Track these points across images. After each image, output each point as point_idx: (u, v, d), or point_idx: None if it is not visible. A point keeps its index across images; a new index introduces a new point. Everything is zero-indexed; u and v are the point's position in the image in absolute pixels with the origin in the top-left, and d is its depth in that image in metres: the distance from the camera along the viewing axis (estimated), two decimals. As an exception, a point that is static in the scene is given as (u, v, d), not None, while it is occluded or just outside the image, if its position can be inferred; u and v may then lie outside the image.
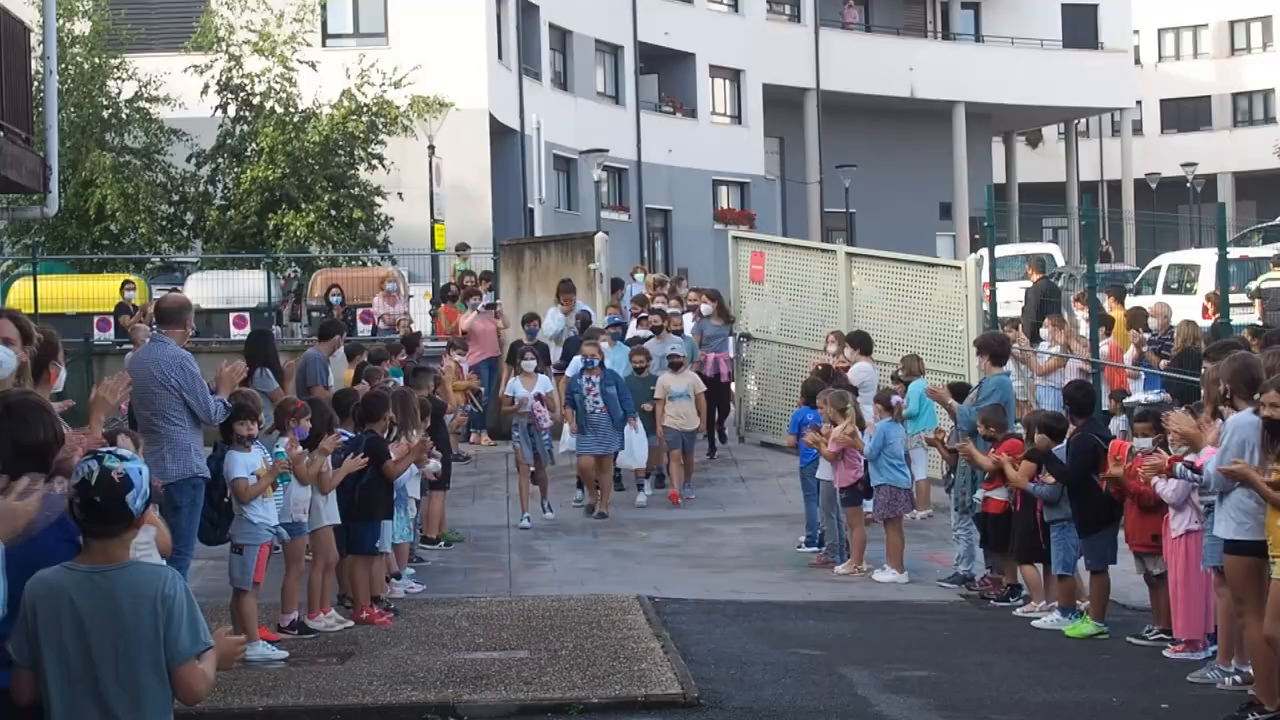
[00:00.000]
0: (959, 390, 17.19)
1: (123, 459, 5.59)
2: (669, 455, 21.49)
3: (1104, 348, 21.97)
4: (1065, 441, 14.42)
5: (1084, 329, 23.06)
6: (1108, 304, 24.71)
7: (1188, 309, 25.98)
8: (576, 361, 21.13)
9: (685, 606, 15.29)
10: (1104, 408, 19.49)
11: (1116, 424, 18.31)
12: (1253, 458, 10.39)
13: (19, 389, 7.60)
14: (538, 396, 19.92)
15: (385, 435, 14.72)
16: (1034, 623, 14.53)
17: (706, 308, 25.20)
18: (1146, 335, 22.63)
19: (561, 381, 21.83)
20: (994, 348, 17.06)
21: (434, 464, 16.43)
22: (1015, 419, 16.47)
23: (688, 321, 24.54)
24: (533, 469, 20.08)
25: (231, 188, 37.26)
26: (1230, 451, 10.49)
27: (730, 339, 24.89)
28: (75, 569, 5.51)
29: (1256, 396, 10.53)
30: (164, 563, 7.40)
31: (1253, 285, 29.20)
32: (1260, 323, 22.82)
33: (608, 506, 20.33)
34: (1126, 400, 18.92)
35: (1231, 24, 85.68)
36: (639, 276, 32.73)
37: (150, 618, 5.44)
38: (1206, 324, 22.98)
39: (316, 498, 13.73)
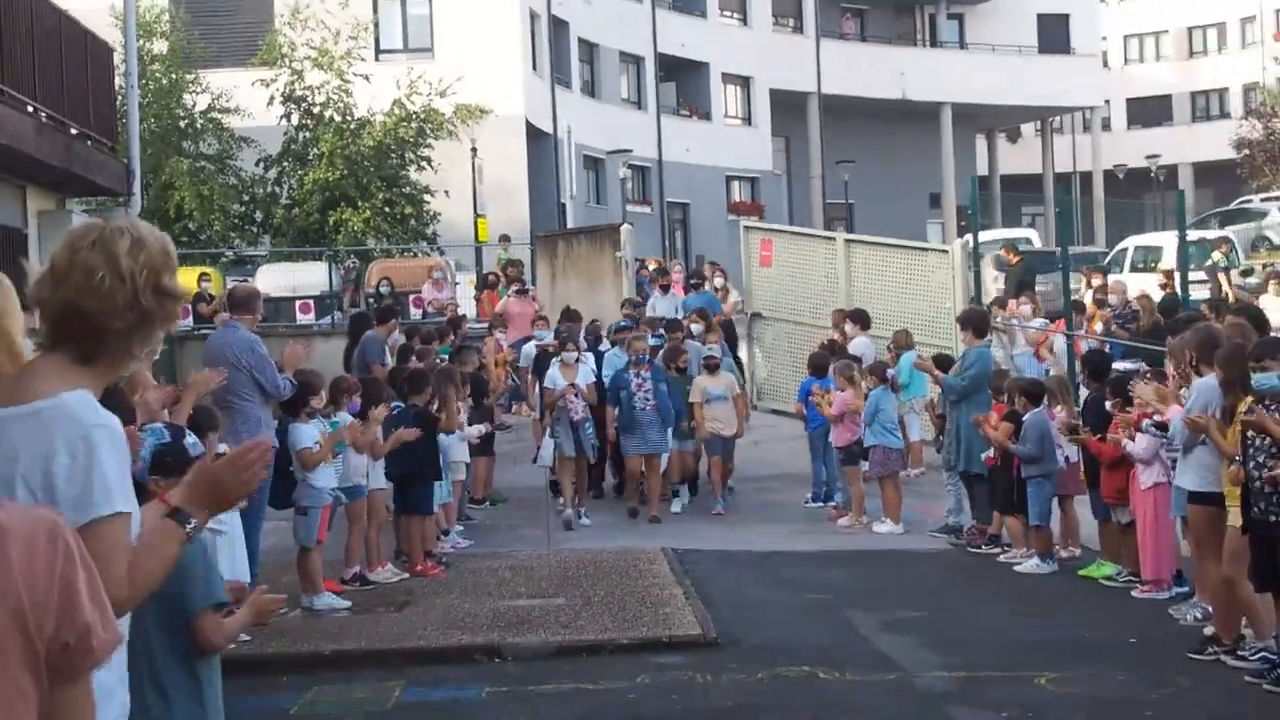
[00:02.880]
0: (943, 362, 17.18)
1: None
2: (709, 463, 18.46)
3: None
4: (1081, 405, 14.56)
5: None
6: (1087, 281, 24.74)
7: (1152, 285, 25.94)
8: (613, 358, 18.77)
9: (705, 557, 15.27)
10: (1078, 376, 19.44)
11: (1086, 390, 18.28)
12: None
13: None
14: (573, 386, 17.40)
15: (429, 405, 14.76)
16: (1016, 568, 14.54)
17: (695, 327, 20.38)
18: (1110, 311, 22.66)
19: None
20: (976, 322, 17.09)
21: (476, 429, 16.51)
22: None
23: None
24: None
25: (295, 188, 37.35)
26: (1194, 411, 10.48)
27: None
28: None
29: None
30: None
31: (1213, 261, 29.35)
32: (1226, 295, 22.73)
33: (657, 509, 17.64)
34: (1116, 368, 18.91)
35: (1190, 30, 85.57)
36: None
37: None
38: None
39: (369, 463, 13.82)
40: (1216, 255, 30.22)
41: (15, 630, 2.43)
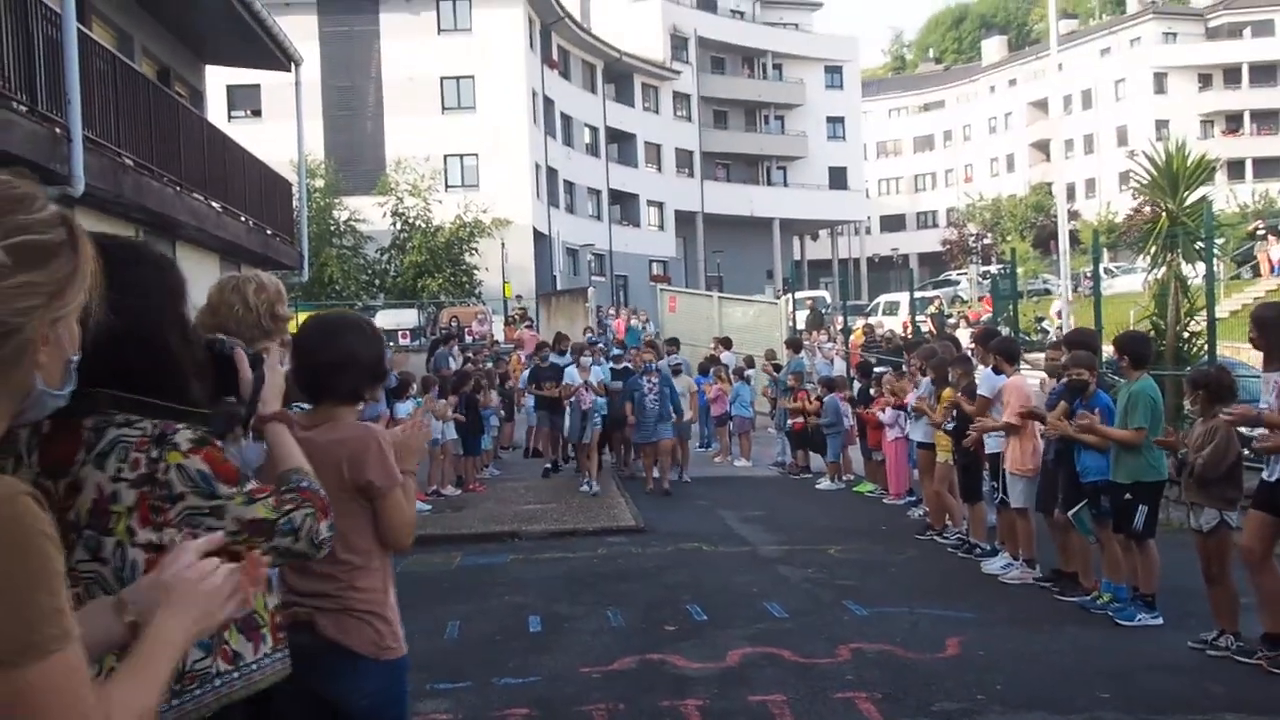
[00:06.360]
0: (778, 367, 17.32)
1: None
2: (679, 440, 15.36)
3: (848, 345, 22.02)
4: (858, 391, 14.64)
5: (838, 338, 23.15)
6: (860, 321, 24.84)
7: (894, 324, 26.14)
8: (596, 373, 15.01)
9: (637, 482, 15.23)
10: (852, 374, 19.54)
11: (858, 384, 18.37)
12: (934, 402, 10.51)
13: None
14: (586, 384, 14.23)
15: (474, 393, 14.68)
16: (817, 486, 14.61)
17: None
18: (866, 339, 22.82)
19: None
20: (796, 344, 17.31)
21: (499, 409, 16.44)
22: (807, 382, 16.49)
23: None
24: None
25: (399, 266, 37.11)
26: (922, 396, 10.60)
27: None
28: None
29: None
30: None
31: (930, 310, 29.54)
32: (932, 331, 22.86)
33: (666, 479, 14.45)
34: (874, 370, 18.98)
35: (916, 176, 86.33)
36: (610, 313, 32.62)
37: None
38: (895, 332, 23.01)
39: (443, 425, 13.74)
40: (932, 308, 30.45)
41: (339, 480, 3.03)
